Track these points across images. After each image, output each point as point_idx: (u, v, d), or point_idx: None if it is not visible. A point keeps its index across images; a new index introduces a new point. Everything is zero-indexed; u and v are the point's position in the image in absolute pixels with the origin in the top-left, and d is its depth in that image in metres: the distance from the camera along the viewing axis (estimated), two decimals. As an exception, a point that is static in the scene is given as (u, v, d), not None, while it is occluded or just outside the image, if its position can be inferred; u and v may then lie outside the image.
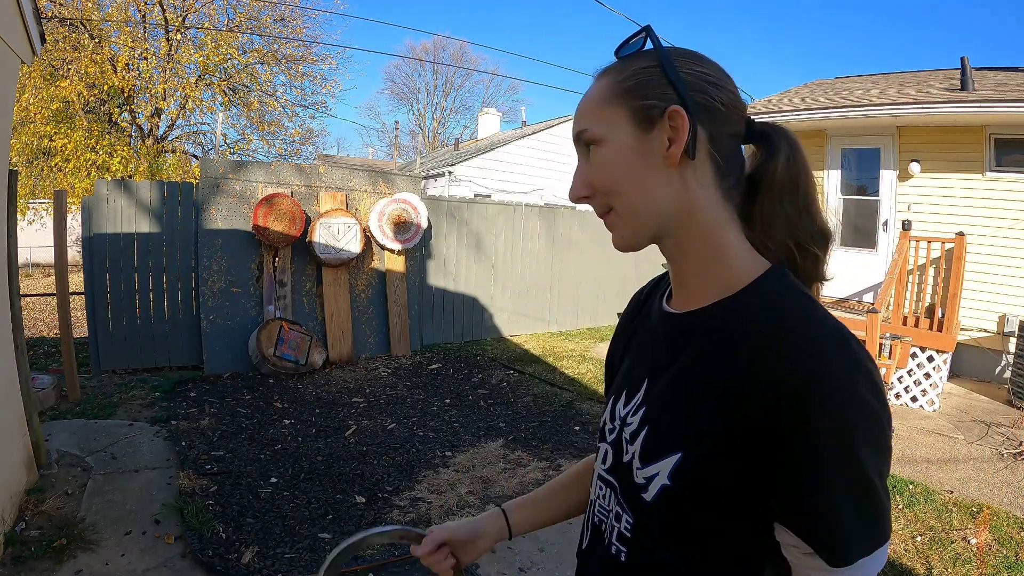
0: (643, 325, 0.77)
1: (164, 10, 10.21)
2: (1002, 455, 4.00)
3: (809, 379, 0.52)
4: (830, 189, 6.86)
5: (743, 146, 0.68)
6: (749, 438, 0.55)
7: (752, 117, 0.69)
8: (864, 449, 0.52)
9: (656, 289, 0.79)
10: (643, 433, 0.65)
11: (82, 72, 9.34)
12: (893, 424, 0.59)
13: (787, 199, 0.66)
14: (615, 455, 0.71)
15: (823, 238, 0.67)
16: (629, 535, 0.66)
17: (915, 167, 6.18)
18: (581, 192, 0.67)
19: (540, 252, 8.13)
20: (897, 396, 5.22)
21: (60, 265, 4.42)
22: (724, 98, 0.63)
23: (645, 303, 0.79)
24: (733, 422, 0.56)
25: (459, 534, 0.87)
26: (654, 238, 0.66)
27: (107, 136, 10.05)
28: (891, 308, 5.19)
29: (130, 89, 10.22)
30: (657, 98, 0.62)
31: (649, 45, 0.65)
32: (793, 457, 0.53)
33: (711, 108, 0.62)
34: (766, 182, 0.66)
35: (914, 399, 5.12)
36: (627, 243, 0.67)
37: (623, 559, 0.67)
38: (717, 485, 0.58)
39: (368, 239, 6.12)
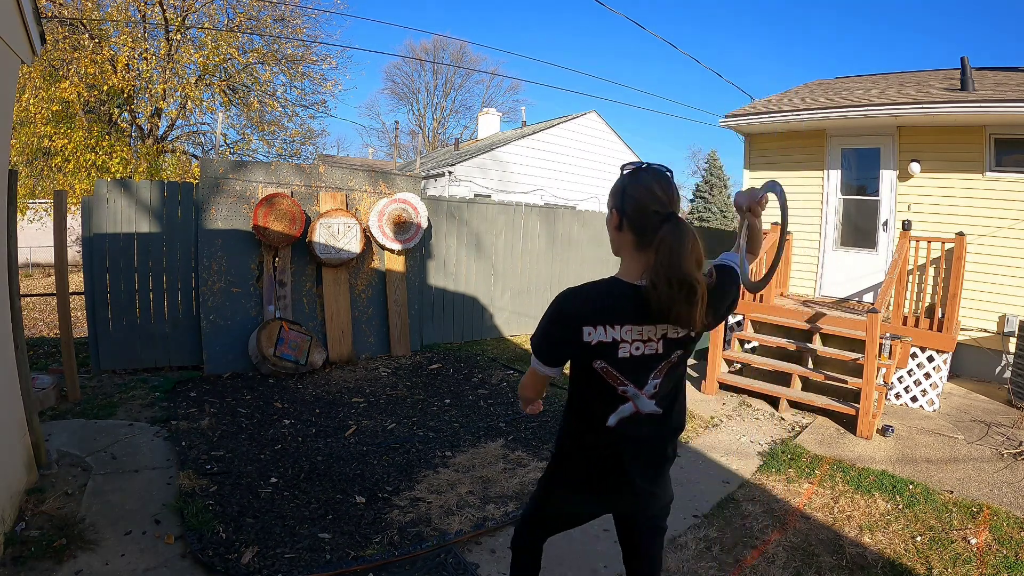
0: None
1: (164, 10, 10.19)
2: (1002, 455, 4.00)
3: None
4: (830, 189, 6.86)
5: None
6: None
7: (665, 211, 1.37)
8: (539, 324, 1.46)
9: None
10: None
11: (82, 72, 9.33)
12: (892, 423, 3.42)
13: (660, 251, 1.30)
14: None
15: (673, 279, 1.28)
16: None
17: (915, 167, 6.18)
18: None
19: (540, 252, 8.13)
20: (897, 396, 5.22)
21: (60, 265, 4.42)
22: (639, 206, 1.37)
23: None
24: None
25: None
26: (616, 253, 1.47)
27: (107, 136, 10.04)
28: (891, 308, 5.19)
29: (130, 89, 10.20)
30: (613, 203, 1.44)
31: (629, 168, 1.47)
32: None
33: (631, 211, 1.39)
34: (654, 241, 1.33)
35: (914, 399, 5.11)
36: (613, 252, 1.49)
37: None
38: None
39: (368, 239, 6.12)
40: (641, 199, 1.37)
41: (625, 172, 1.44)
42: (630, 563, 1.69)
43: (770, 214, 7.10)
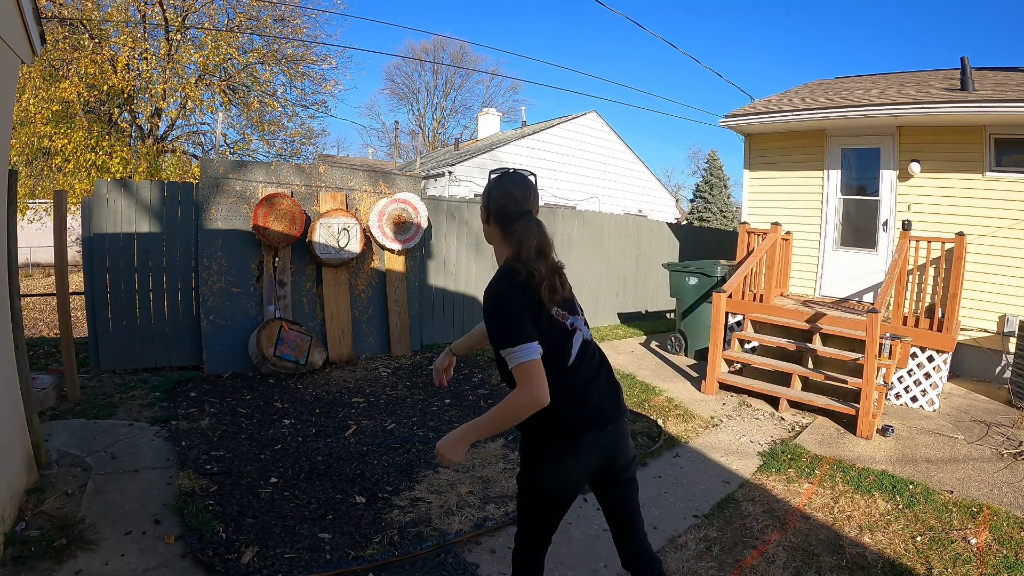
0: None
1: (164, 10, 10.19)
2: (1002, 455, 4.00)
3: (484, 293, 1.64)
4: (830, 189, 6.86)
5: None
6: None
7: (522, 210, 1.69)
8: (487, 312, 1.60)
9: None
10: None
11: (82, 72, 9.33)
12: (892, 423, 3.47)
13: (515, 240, 1.63)
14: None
15: (525, 266, 1.59)
16: None
17: (915, 167, 6.18)
18: None
19: (540, 252, 8.11)
20: (897, 396, 5.22)
21: (60, 265, 4.42)
22: (499, 205, 1.68)
23: None
24: None
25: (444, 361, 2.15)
26: (489, 242, 1.77)
27: (107, 136, 10.04)
28: (891, 308, 5.19)
29: (130, 89, 10.20)
30: (485, 203, 1.73)
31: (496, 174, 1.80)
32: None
33: (494, 209, 1.69)
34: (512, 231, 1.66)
35: (914, 399, 5.12)
36: (487, 241, 1.80)
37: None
38: None
39: (368, 239, 6.12)
40: (501, 199, 1.68)
41: (492, 177, 1.75)
42: (615, 517, 1.81)
43: (770, 213, 7.15)
